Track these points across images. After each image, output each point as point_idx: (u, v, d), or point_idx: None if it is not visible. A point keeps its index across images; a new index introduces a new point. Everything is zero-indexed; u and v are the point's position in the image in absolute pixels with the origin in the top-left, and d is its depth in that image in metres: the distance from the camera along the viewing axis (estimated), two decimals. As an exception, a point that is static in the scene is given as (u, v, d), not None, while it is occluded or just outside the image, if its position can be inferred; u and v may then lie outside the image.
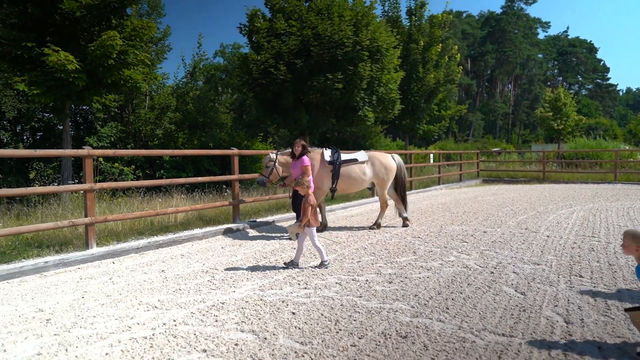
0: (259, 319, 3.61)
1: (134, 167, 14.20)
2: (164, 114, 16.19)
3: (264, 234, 7.78)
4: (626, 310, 2.95)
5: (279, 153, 7.57)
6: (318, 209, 7.03)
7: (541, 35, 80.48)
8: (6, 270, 5.05)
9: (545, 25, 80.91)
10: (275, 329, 3.40)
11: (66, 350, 3.14)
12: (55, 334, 3.43)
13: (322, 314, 3.67)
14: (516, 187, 16.49)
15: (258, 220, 8.55)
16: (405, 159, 22.09)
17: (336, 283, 4.56)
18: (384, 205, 8.12)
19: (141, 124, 15.75)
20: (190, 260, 5.86)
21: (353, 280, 4.66)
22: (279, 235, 7.57)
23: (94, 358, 3.01)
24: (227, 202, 8.09)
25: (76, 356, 3.04)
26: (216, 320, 3.61)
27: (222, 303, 4.03)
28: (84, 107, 15.32)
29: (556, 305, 3.81)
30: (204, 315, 3.74)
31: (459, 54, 21.82)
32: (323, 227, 7.76)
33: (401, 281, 4.57)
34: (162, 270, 5.32)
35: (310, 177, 6.78)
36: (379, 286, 4.41)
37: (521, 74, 72.58)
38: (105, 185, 6.65)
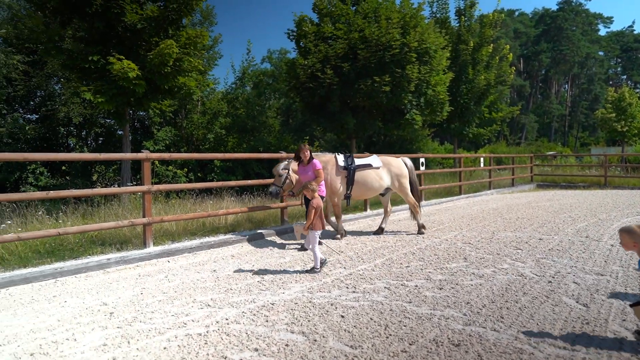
0: (309, 320, 3.65)
1: (186, 170, 14.80)
2: (216, 118, 16.78)
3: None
4: (631, 305, 3.11)
5: (291, 160, 7.18)
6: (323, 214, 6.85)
7: (602, 32, 75.95)
8: (75, 266, 5.42)
9: (607, 21, 76.23)
10: (324, 331, 3.42)
11: (128, 342, 3.32)
12: (118, 327, 3.63)
13: (371, 318, 3.65)
14: (574, 193, 15.59)
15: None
16: (454, 163, 21.51)
17: (385, 288, 4.52)
18: (415, 207, 7.92)
19: (194, 128, 16.41)
20: (241, 261, 6.02)
21: (402, 285, 4.60)
22: (326, 238, 7.60)
23: (154, 351, 3.16)
24: (275, 205, 8.24)
25: (137, 348, 3.21)
26: (266, 321, 3.68)
27: (272, 304, 4.11)
28: (141, 113, 16.17)
29: (624, 320, 3.56)
30: (254, 315, 3.83)
31: (511, 54, 20.99)
32: (341, 236, 7.48)
33: (452, 288, 4.46)
34: (214, 270, 5.51)
35: (323, 182, 6.58)
36: (429, 292, 4.33)
37: (579, 73, 68.67)
38: (161, 187, 6.96)
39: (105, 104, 8.54)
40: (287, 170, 7.02)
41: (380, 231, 7.89)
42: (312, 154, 7.00)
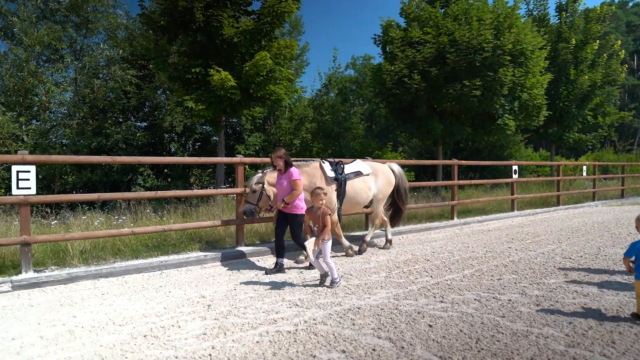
0: (395, 327, 3.63)
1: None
2: (302, 124, 17.34)
3: (395, 243, 7.77)
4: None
5: (266, 171, 6.14)
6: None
7: None
8: (177, 260, 5.96)
9: None
10: (412, 339, 3.38)
11: (224, 334, 3.57)
12: (215, 319, 3.92)
13: (460, 330, 3.53)
14: (702, 207, 13.56)
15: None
16: (551, 171, 19.86)
17: (475, 299, 4.34)
18: (378, 223, 7.18)
19: (281, 134, 17.12)
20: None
21: (494, 298, 4.38)
22: (411, 246, 7.48)
23: (247, 344, 3.36)
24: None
25: (233, 340, 3.44)
26: (353, 324, 3.73)
27: (358, 308, 4.14)
28: (233, 120, 17.25)
29: None
30: (341, 317, 3.90)
31: (623, 51, 18.91)
32: (349, 249, 6.68)
33: (551, 305, 4.14)
34: (301, 272, 5.70)
35: (302, 195, 5.68)
36: (524, 308, 4.06)
37: None
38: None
39: (205, 112, 9.32)
40: (261, 185, 5.95)
41: (389, 243, 7.20)
42: (295, 161, 6.09)
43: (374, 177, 6.85)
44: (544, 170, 23.68)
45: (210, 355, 3.15)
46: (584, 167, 15.38)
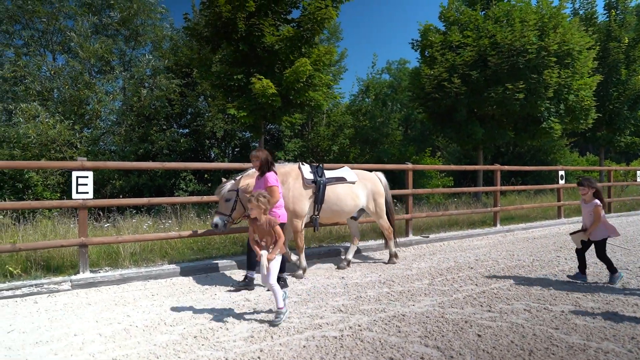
0: (443, 336, 3.57)
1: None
2: (341, 130, 17.39)
3: (436, 250, 7.65)
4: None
5: (241, 176, 5.51)
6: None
7: None
8: (222, 264, 6.11)
9: None
10: (461, 349, 3.32)
11: (271, 337, 3.63)
12: (261, 322, 3.99)
13: (512, 341, 3.43)
14: None
15: (430, 236, 8.45)
16: (600, 177, 18.92)
17: (524, 310, 4.20)
18: (390, 233, 6.54)
19: (319, 140, 17.23)
20: (367, 270, 6.14)
21: (545, 309, 4.22)
22: (453, 253, 7.34)
23: (294, 348, 3.41)
24: (401, 216, 8.21)
25: (280, 344, 3.49)
26: (399, 331, 3.70)
27: (403, 315, 4.11)
28: (272, 126, 17.54)
29: None
30: (386, 324, 3.88)
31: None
32: (303, 271, 5.78)
33: (608, 318, 3.95)
34: (342, 277, 5.71)
35: (281, 201, 5.09)
36: (579, 320, 3.90)
37: None
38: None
39: (246, 118, 9.54)
40: (235, 192, 5.36)
41: (347, 264, 6.27)
42: (277, 164, 5.63)
43: (362, 186, 6.27)
44: (592, 176, 22.59)
45: (259, 357, 3.22)
46: (638, 173, 14.56)
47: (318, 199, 5.76)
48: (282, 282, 5.12)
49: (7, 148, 12.44)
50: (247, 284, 5.14)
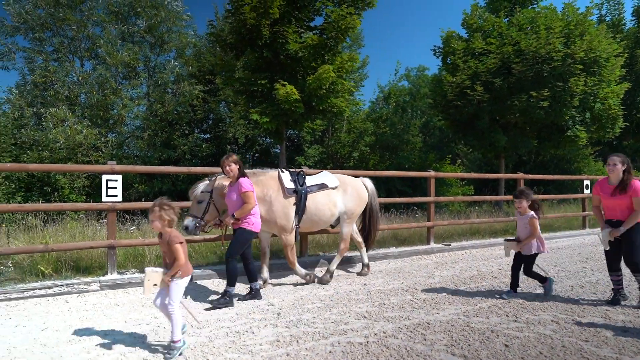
0: (469, 345, 3.54)
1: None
2: (361, 137, 17.42)
3: (458, 258, 7.57)
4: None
5: (216, 176, 5.23)
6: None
7: None
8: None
9: None
10: (488, 358, 3.28)
11: (297, 342, 3.65)
12: (286, 327, 4.03)
13: (540, 352, 3.38)
14: None
15: (452, 244, 8.37)
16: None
17: (552, 321, 4.13)
18: (344, 248, 5.98)
19: (340, 146, 17.28)
20: (389, 277, 6.12)
21: (573, 320, 4.14)
22: (475, 262, 7.25)
23: (320, 353, 3.42)
24: (423, 224, 8.17)
25: (306, 349, 3.51)
26: (424, 339, 3.68)
27: (428, 323, 4.09)
28: (292, 132, 17.68)
29: None
30: (411, 332, 3.86)
31: None
32: (263, 282, 5.54)
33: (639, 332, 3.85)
34: (364, 284, 5.71)
35: (256, 209, 4.89)
36: (609, 332, 3.81)
37: None
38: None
39: (269, 124, 9.67)
40: (208, 194, 5.08)
41: (366, 268, 6.24)
42: (248, 170, 5.32)
43: (342, 192, 5.83)
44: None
45: (286, 361, 3.25)
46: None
47: (299, 208, 5.42)
48: (253, 292, 4.97)
49: (36, 151, 12.85)
50: (226, 303, 4.71)
